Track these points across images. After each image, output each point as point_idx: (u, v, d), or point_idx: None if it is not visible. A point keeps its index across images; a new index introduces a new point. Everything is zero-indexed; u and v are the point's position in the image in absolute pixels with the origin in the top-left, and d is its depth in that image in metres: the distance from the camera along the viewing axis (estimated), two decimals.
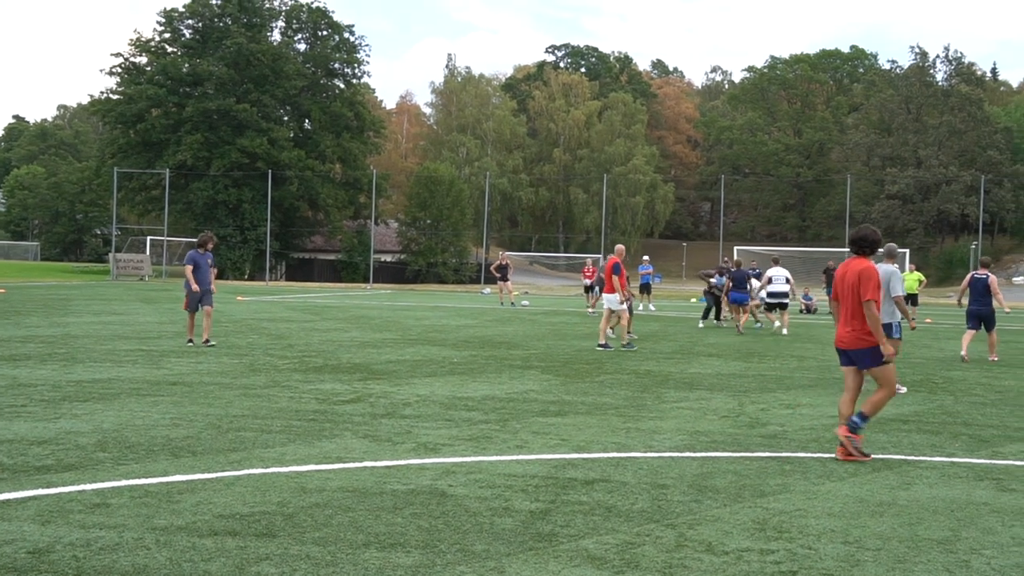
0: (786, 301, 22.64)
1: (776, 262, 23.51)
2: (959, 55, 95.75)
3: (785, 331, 22.38)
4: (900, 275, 11.76)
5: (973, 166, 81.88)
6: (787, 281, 22.57)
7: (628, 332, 18.26)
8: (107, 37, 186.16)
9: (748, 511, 6.30)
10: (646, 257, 34.45)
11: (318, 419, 9.34)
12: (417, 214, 70.64)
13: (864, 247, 8.22)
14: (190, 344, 16.05)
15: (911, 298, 30.72)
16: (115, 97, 65.64)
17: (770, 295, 22.90)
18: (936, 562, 5.32)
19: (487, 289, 51.02)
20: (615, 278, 17.77)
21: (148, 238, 62.20)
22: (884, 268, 11.40)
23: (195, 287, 15.99)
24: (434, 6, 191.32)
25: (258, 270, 64.17)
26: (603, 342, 17.73)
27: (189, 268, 16.13)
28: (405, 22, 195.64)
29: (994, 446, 8.82)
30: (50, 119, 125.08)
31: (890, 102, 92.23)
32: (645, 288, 32.84)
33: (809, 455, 8.18)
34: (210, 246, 16.64)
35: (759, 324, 23.97)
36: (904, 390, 12.16)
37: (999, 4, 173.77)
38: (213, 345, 16.07)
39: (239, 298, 35.25)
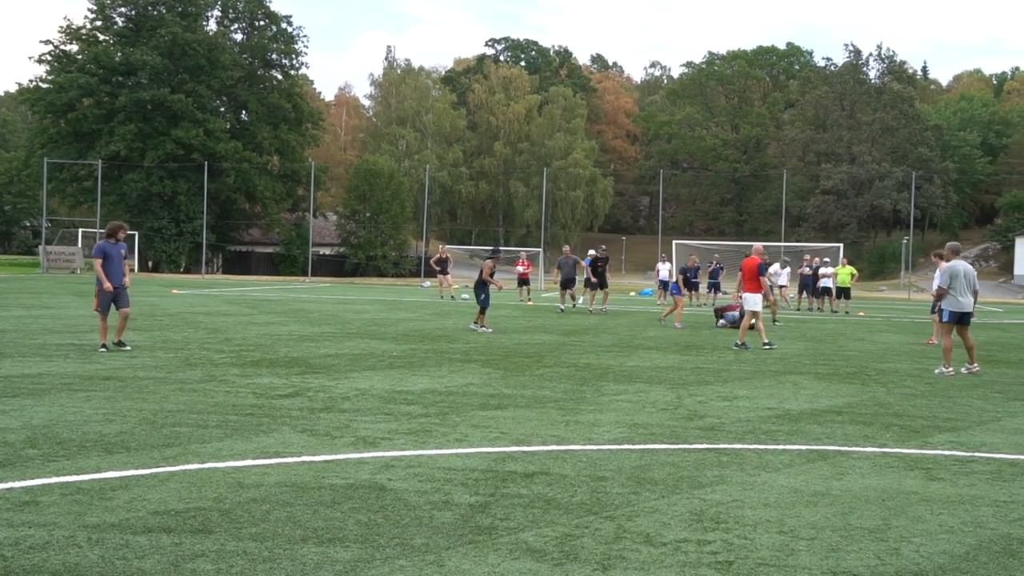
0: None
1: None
2: (891, 53, 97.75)
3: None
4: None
5: (904, 162, 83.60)
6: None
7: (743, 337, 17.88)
8: (35, 23, 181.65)
9: (685, 502, 6.37)
10: (592, 252, 34.62)
11: (255, 414, 9.25)
12: (356, 207, 70.12)
13: None
14: (103, 350, 14.11)
15: (843, 291, 31.37)
16: (44, 86, 63.99)
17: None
18: (868, 550, 5.43)
19: (427, 282, 50.94)
20: (762, 278, 17.74)
21: (80, 230, 60.94)
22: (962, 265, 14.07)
23: (107, 285, 14.25)
24: None
25: (194, 263, 63.23)
26: (767, 341, 17.52)
27: (99, 261, 14.39)
28: (345, 14, 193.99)
29: (924, 436, 9.03)
30: None
31: (825, 99, 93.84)
32: (589, 283, 32.93)
33: (745, 447, 8.30)
34: (121, 235, 14.92)
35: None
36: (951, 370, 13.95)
37: (930, 4, 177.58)
38: (128, 348, 14.42)
39: (174, 291, 34.72)
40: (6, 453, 7.28)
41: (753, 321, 17.90)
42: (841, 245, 48.57)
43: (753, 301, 17.68)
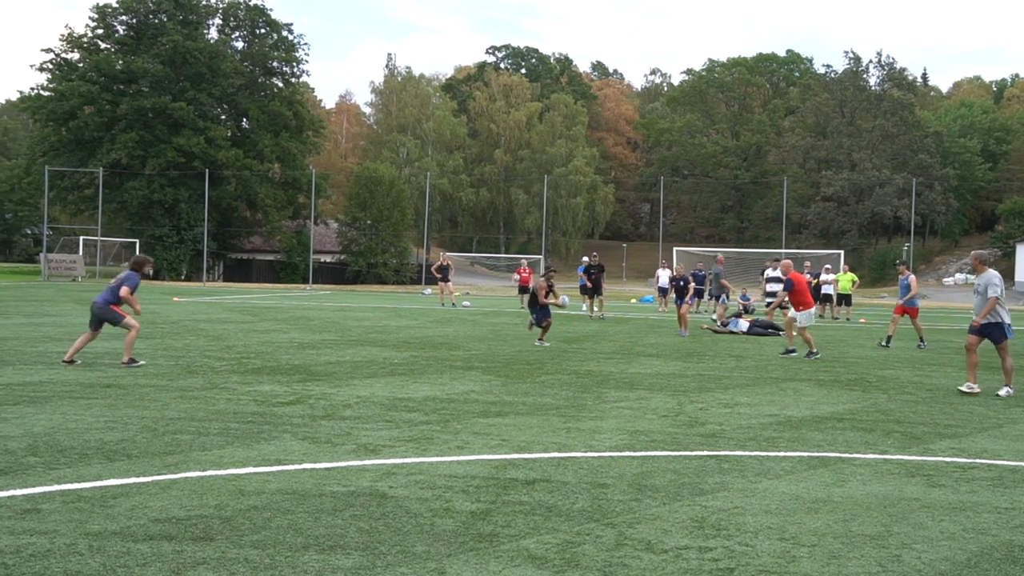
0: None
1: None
2: (891, 60, 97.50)
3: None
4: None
5: (905, 169, 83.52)
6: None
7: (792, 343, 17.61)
8: (37, 32, 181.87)
9: (687, 509, 6.37)
10: (585, 259, 34.62)
11: (257, 421, 9.25)
12: (357, 214, 70.07)
13: None
14: (137, 365, 13.52)
15: (844, 298, 31.36)
16: (46, 94, 64.02)
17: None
18: (869, 557, 5.43)
19: (428, 290, 50.95)
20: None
21: (81, 238, 60.99)
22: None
23: (138, 308, 13.93)
24: (374, 7, 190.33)
25: (195, 271, 63.22)
26: (814, 349, 17.11)
27: (127, 291, 13.65)
28: (345, 22, 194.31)
29: (925, 443, 9.02)
30: None
31: (825, 106, 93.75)
32: (586, 290, 32.96)
33: (747, 453, 8.30)
34: (147, 270, 14.72)
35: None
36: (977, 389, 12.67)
37: (930, 12, 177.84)
38: (79, 363, 13.61)
39: (175, 299, 34.74)
40: (7, 461, 7.29)
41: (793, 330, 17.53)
42: (842, 252, 48.65)
43: (807, 317, 17.23)
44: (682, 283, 23.50)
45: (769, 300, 25.07)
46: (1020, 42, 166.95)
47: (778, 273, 25.32)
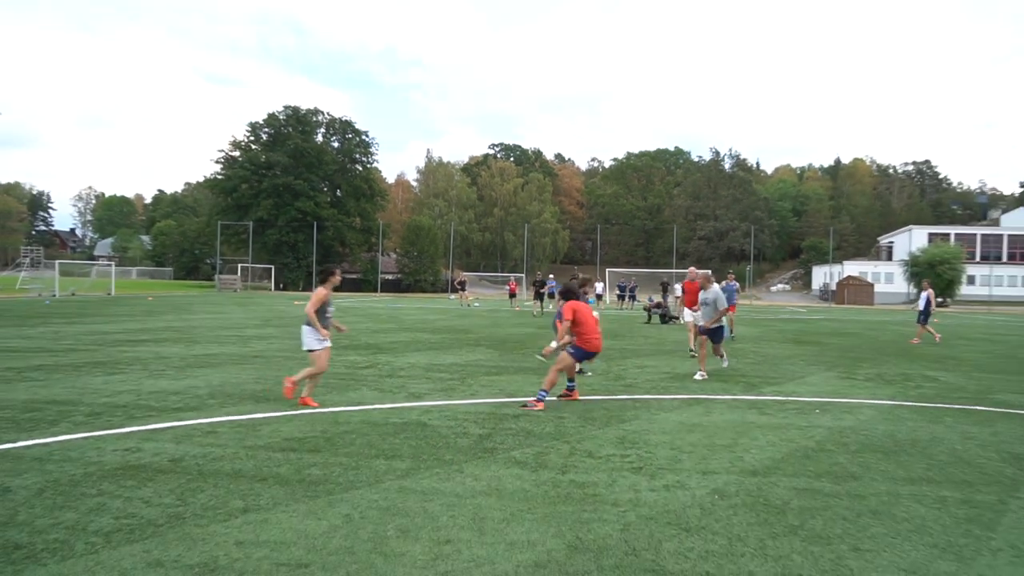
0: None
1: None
2: (738, 153, 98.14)
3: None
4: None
5: (747, 220, 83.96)
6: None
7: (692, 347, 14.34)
8: (214, 139, 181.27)
9: (613, 432, 6.42)
10: (551, 275, 34.66)
11: (345, 378, 9.27)
12: (408, 249, 69.79)
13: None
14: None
15: None
16: (219, 177, 63.90)
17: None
18: (724, 458, 5.49)
19: (452, 296, 50.82)
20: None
21: (239, 265, 60.69)
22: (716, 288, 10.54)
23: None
24: (419, 120, 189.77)
25: (308, 285, 63.03)
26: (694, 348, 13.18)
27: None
28: (401, 129, 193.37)
29: (758, 388, 9.09)
30: (180, 191, 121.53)
31: (699, 181, 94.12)
32: (551, 295, 32.95)
33: (650, 397, 8.35)
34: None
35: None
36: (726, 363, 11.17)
37: (762, 123, 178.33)
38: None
39: (295, 303, 34.64)
40: (197, 402, 7.31)
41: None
42: (710, 271, 48.58)
43: (696, 316, 14.25)
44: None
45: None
46: (813, 143, 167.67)
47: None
